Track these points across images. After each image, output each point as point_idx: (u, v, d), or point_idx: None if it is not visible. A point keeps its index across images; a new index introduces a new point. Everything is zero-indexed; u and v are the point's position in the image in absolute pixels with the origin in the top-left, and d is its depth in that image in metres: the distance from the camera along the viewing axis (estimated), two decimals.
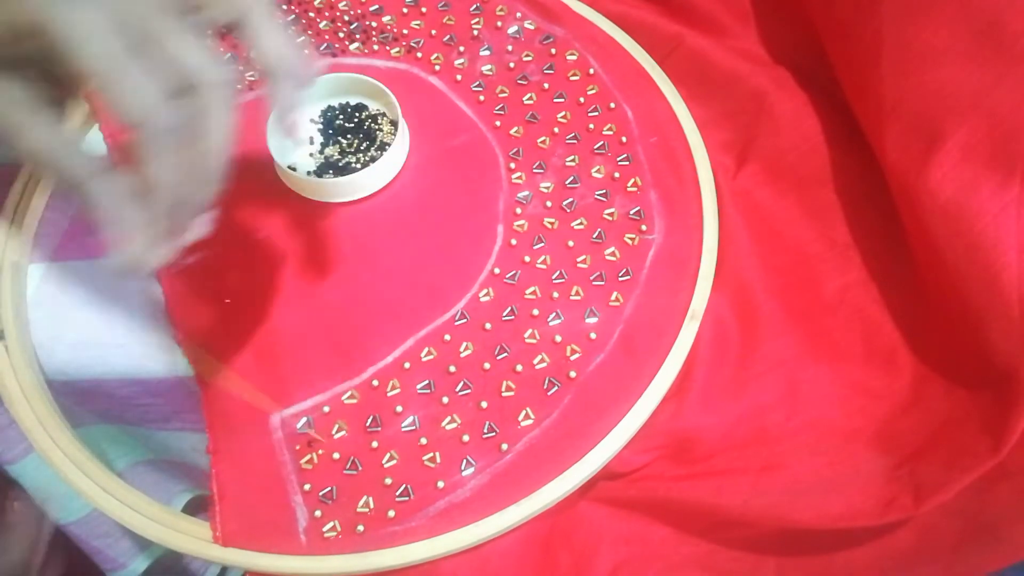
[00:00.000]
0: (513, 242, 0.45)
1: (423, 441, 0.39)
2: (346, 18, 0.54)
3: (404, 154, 0.48)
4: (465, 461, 0.39)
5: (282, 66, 0.30)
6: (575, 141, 0.48)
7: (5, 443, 0.46)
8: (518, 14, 0.54)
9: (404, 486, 0.38)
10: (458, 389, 0.40)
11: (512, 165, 0.48)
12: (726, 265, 0.44)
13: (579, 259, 0.44)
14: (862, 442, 0.40)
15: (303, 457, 0.39)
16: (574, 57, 0.52)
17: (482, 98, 0.50)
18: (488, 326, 0.42)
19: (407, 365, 0.41)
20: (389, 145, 0.48)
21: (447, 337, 0.42)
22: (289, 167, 0.47)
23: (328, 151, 0.49)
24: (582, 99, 0.50)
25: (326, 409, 0.40)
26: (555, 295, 0.43)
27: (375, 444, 0.39)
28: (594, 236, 0.45)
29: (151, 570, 0.56)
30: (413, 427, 0.40)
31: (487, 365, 0.41)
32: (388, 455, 0.39)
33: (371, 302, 0.43)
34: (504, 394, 0.40)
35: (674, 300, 0.43)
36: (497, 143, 0.49)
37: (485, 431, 0.39)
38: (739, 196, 0.47)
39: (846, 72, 0.45)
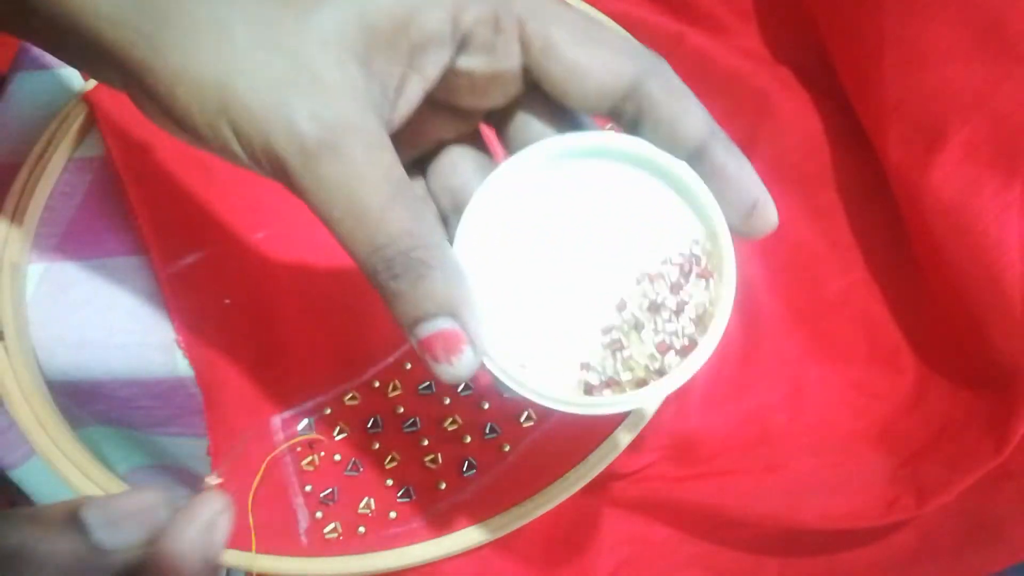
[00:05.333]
0: None
1: (424, 442, 0.39)
2: None
3: None
4: (467, 462, 0.39)
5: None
6: None
7: (6, 447, 0.45)
8: None
9: (405, 487, 0.38)
10: (459, 389, 0.40)
11: None
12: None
13: None
14: (865, 442, 0.40)
15: (304, 459, 0.39)
16: None
17: None
18: None
19: (408, 366, 0.41)
20: None
21: None
22: None
23: None
24: None
25: (327, 411, 0.40)
26: None
27: (376, 445, 0.39)
28: None
29: None
30: (414, 428, 0.39)
31: None
32: (389, 456, 0.39)
33: (372, 302, 0.43)
34: (506, 395, 0.40)
35: None
36: None
37: (487, 432, 0.39)
38: None
39: (848, 71, 0.45)
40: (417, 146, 0.27)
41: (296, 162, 0.21)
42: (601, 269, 0.25)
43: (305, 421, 0.40)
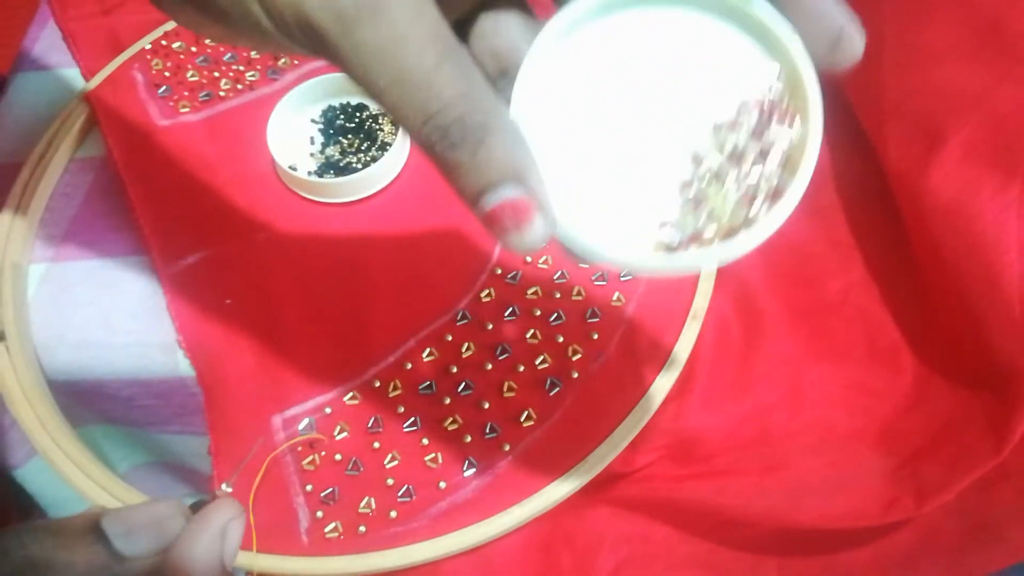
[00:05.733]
0: None
1: (425, 442, 0.39)
2: None
3: (405, 154, 0.48)
4: (467, 461, 0.39)
5: None
6: None
7: (8, 447, 0.45)
8: None
9: (406, 487, 0.38)
10: (459, 389, 0.40)
11: None
12: (728, 265, 0.44)
13: None
14: (864, 442, 0.40)
15: (305, 458, 0.39)
16: None
17: None
18: (490, 326, 0.42)
19: (408, 365, 0.41)
20: (390, 145, 0.48)
21: (448, 337, 0.42)
22: (290, 167, 0.46)
23: (329, 151, 0.49)
24: None
25: (328, 410, 0.40)
26: (557, 295, 0.43)
27: (377, 445, 0.39)
28: None
29: None
30: (415, 427, 0.40)
31: (488, 365, 0.41)
32: (390, 456, 0.39)
33: (372, 302, 0.43)
34: (506, 394, 0.40)
35: (676, 300, 0.43)
36: None
37: (487, 431, 0.39)
38: None
39: (848, 71, 0.45)
40: (456, 8, 0.25)
41: (334, 29, 0.20)
42: (671, 121, 0.23)
43: (306, 420, 0.40)
